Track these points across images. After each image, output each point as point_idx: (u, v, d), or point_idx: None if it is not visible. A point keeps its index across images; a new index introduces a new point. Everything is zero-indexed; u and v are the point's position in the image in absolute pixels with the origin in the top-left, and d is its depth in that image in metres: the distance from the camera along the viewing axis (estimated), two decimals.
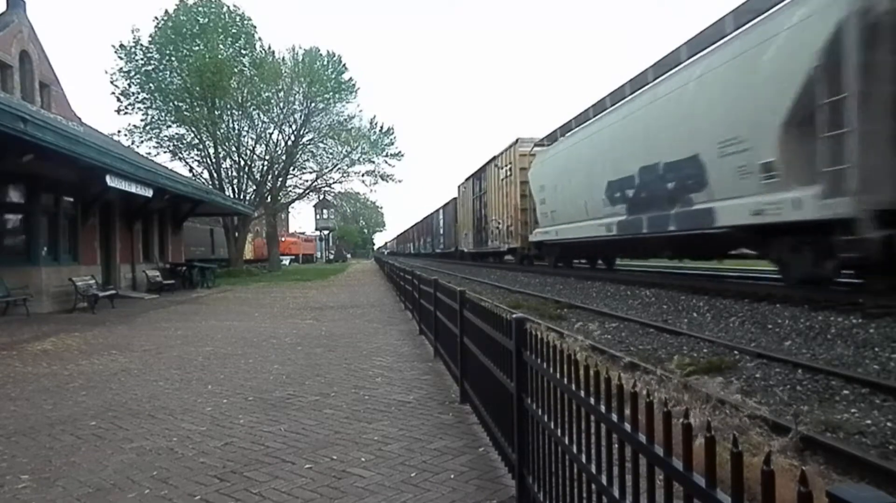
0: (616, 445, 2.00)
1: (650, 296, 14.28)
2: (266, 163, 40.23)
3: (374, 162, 41.97)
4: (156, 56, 35.90)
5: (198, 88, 34.49)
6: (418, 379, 6.49)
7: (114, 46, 35.44)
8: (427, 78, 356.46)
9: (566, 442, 2.45)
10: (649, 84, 15.54)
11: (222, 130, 37.39)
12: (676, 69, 14.27)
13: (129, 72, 35.65)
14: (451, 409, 5.21)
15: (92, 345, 9.53)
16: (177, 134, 37.45)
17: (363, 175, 42.70)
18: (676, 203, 14.16)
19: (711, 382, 6.34)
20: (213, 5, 36.34)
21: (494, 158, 31.51)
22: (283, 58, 39.74)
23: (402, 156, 42.63)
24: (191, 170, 38.14)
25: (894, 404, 5.62)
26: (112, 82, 35.76)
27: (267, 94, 37.62)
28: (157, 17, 35.53)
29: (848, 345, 8.01)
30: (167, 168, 27.68)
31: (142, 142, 36.45)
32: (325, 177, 43.14)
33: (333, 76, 39.80)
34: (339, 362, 7.55)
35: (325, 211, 64.32)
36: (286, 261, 58.94)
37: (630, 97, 16.63)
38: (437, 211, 54.72)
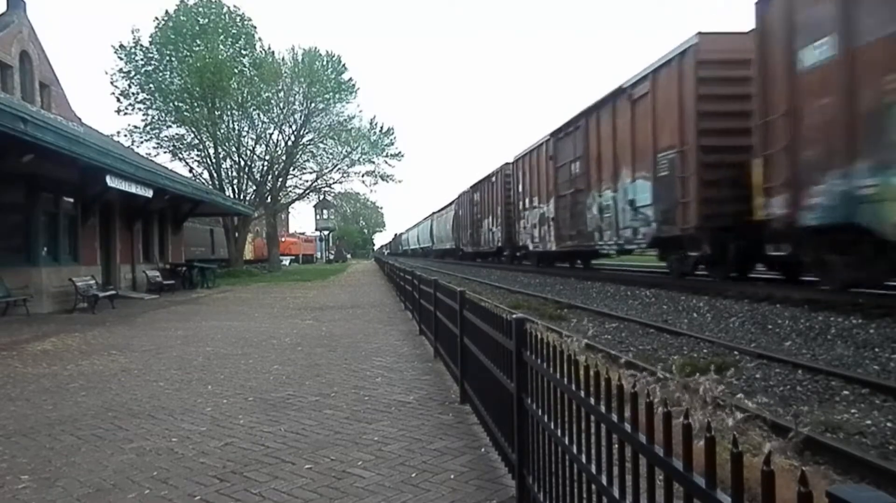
0: (616, 445, 2.00)
1: (650, 297, 14.28)
2: (266, 163, 40.21)
3: (374, 162, 42.07)
4: (156, 56, 35.90)
5: (198, 89, 34.44)
6: (418, 379, 6.49)
7: (114, 47, 35.43)
8: (427, 77, 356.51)
9: (566, 442, 2.45)
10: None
11: (222, 131, 37.35)
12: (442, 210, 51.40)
13: (129, 72, 35.65)
14: (451, 410, 5.21)
15: (92, 345, 9.53)
16: (177, 134, 37.48)
17: (363, 175, 42.80)
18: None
19: (710, 382, 6.33)
20: (213, 6, 36.35)
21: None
22: (283, 58, 39.80)
23: (402, 156, 42.71)
24: (191, 170, 38.18)
25: (894, 405, 5.63)
26: (112, 82, 35.78)
27: (267, 94, 37.60)
28: (157, 18, 35.62)
29: (848, 345, 8.01)
30: (167, 168, 27.69)
31: (142, 142, 36.49)
32: (325, 177, 43.22)
33: (333, 76, 39.81)
34: (339, 362, 7.55)
35: (325, 211, 64.16)
36: (286, 261, 58.88)
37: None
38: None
